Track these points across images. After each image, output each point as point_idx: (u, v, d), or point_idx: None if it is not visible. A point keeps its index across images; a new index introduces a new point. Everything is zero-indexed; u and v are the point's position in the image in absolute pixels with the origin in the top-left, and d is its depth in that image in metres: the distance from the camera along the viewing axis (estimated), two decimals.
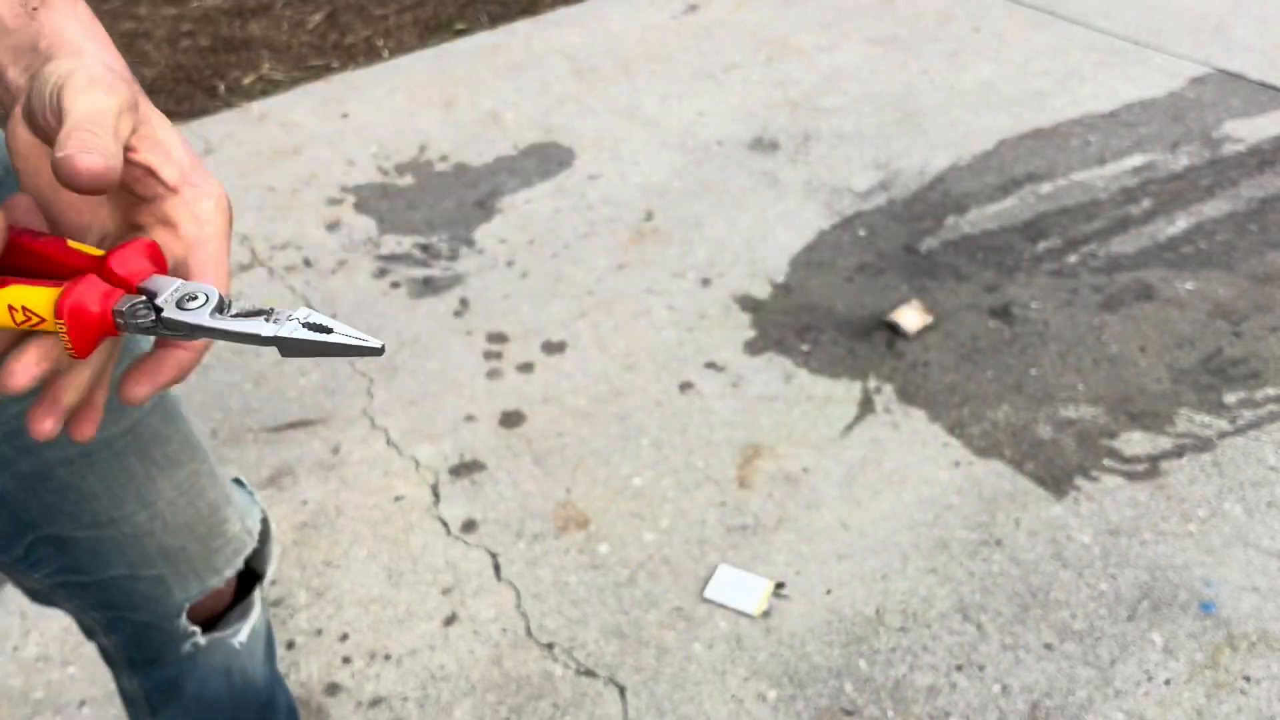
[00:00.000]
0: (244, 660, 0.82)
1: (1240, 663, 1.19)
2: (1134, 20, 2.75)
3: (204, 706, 0.82)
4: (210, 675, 0.80)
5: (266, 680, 0.87)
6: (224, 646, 0.78)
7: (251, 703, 0.86)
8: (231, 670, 0.81)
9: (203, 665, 0.79)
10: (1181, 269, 1.84)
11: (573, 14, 2.91)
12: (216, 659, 0.79)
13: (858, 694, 1.17)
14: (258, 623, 0.82)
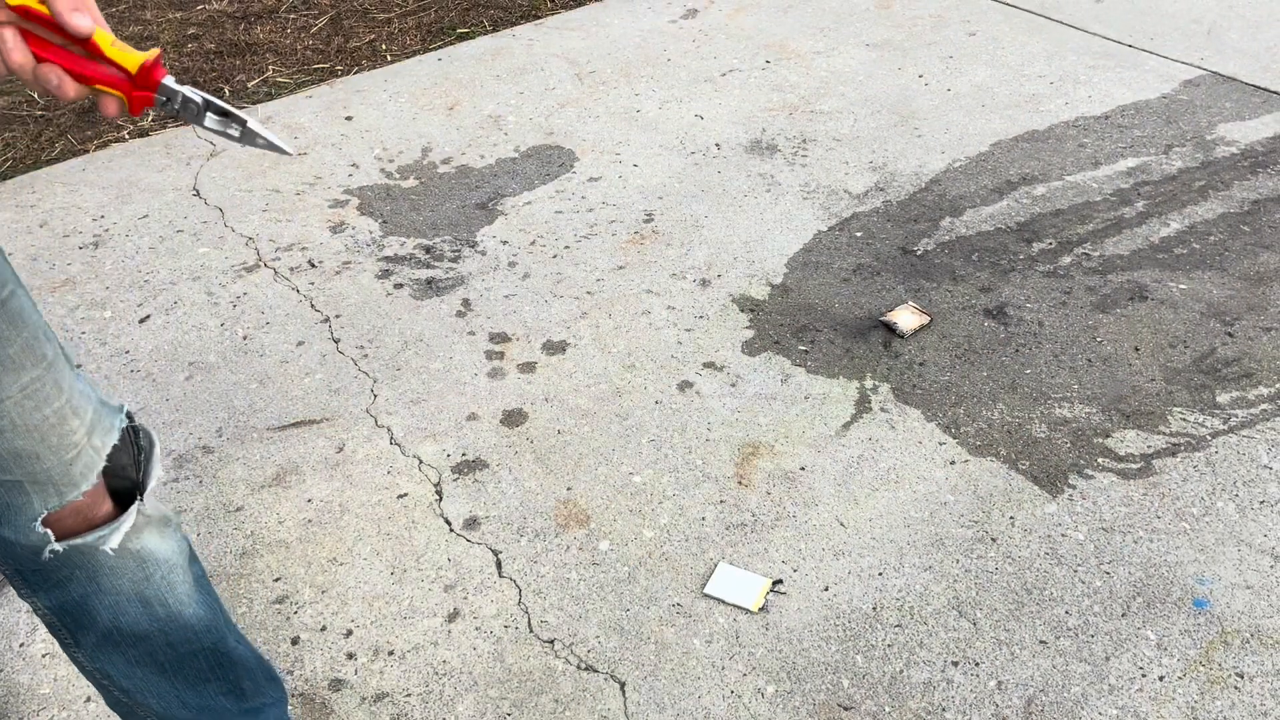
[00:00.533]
0: (159, 589, 0.82)
1: (1233, 659, 1.20)
2: (1127, 24, 2.77)
3: (132, 638, 0.83)
4: (123, 603, 0.81)
5: (206, 625, 0.87)
6: (125, 568, 0.79)
7: (191, 642, 0.86)
8: (148, 600, 0.82)
9: (109, 590, 0.80)
10: (1175, 270, 1.86)
11: (574, 18, 2.94)
12: (123, 584, 0.80)
13: (855, 689, 1.19)
14: (161, 548, 0.82)
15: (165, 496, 1.45)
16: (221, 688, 0.91)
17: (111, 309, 1.84)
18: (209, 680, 0.90)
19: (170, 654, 0.86)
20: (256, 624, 1.27)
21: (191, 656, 0.87)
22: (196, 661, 0.88)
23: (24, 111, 2.58)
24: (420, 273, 1.92)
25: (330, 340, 1.75)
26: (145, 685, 0.87)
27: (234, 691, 0.92)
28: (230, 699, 0.92)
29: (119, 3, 3.17)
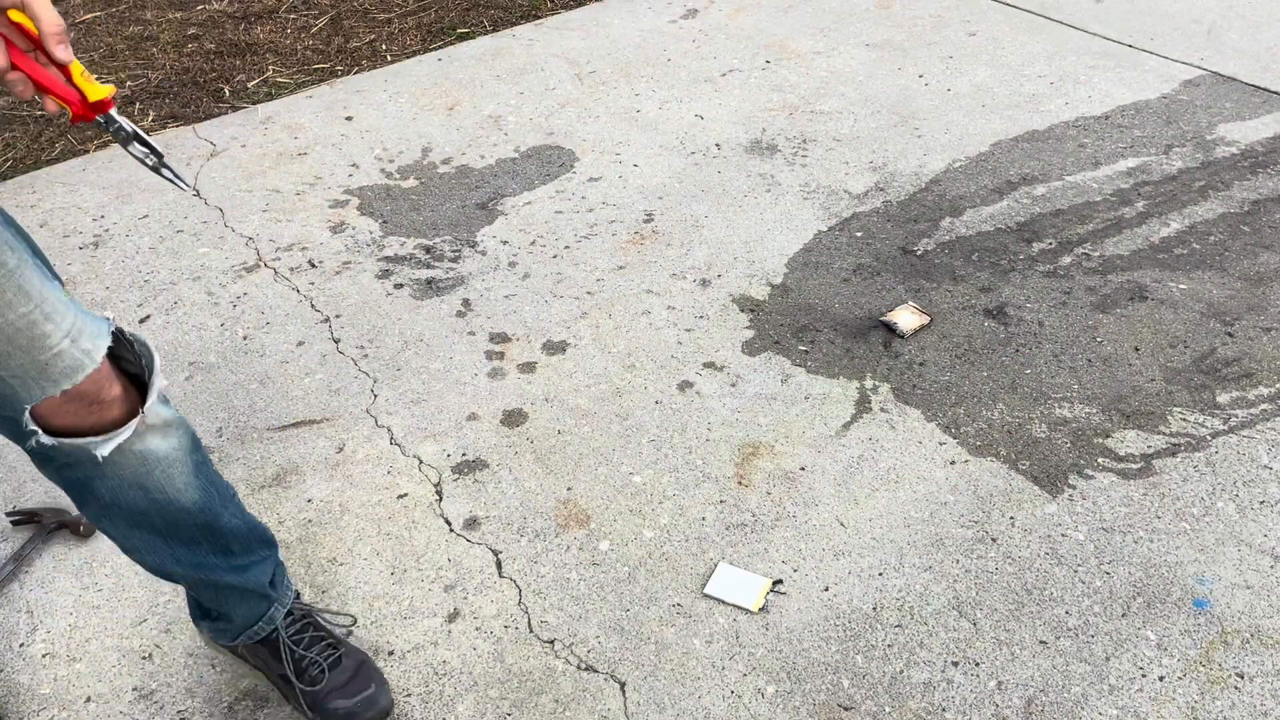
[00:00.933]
0: (158, 480, 0.93)
1: (1234, 659, 1.20)
2: (1128, 24, 2.77)
3: (130, 512, 0.95)
4: (123, 487, 0.92)
5: (200, 506, 0.98)
6: (126, 463, 0.90)
7: (184, 519, 0.97)
8: (147, 488, 0.93)
9: (111, 476, 0.91)
10: (1175, 270, 1.86)
11: (574, 18, 2.94)
12: (125, 474, 0.91)
13: (855, 689, 1.19)
14: (160, 448, 0.92)
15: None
16: (212, 549, 1.02)
17: (111, 309, 1.84)
18: (200, 543, 1.01)
19: (166, 524, 0.97)
20: None
21: (185, 528, 0.99)
22: (189, 532, 0.99)
23: (24, 111, 2.58)
24: (420, 273, 1.92)
25: (330, 340, 1.75)
26: (142, 544, 0.99)
27: (223, 551, 1.03)
28: (220, 557, 1.03)
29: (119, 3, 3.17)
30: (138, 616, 1.29)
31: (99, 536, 1.39)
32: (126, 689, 1.21)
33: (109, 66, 2.79)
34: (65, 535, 1.39)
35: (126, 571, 1.35)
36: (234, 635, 1.14)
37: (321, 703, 1.13)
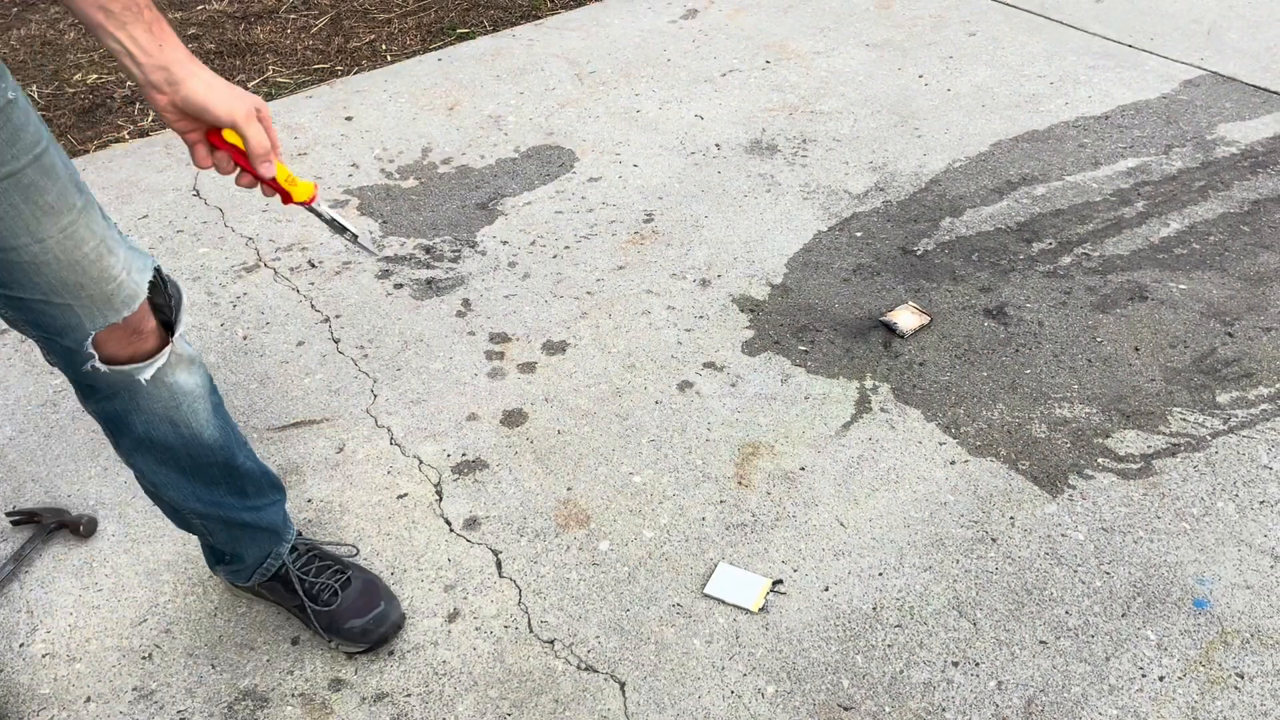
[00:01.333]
0: (185, 414, 1.04)
1: (1234, 659, 1.20)
2: (1127, 24, 2.77)
3: (160, 447, 1.05)
4: (155, 421, 1.03)
5: (220, 444, 1.09)
6: (159, 395, 1.00)
7: (207, 457, 1.08)
8: (175, 422, 1.04)
9: (145, 410, 1.02)
10: (1175, 270, 1.86)
11: (573, 19, 2.94)
12: (157, 407, 1.02)
13: (855, 689, 1.19)
14: (186, 382, 1.02)
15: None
16: (229, 489, 1.13)
17: None
18: (219, 483, 1.11)
19: (190, 462, 1.08)
20: (257, 624, 1.27)
21: (206, 468, 1.09)
22: (211, 470, 1.10)
23: None
24: (420, 273, 1.92)
25: (330, 340, 1.75)
26: (168, 481, 1.09)
27: (239, 493, 1.14)
28: (235, 498, 1.14)
29: None
30: (138, 616, 1.29)
31: (99, 536, 1.40)
32: (126, 689, 1.21)
33: (109, 67, 2.80)
34: (65, 535, 1.39)
35: (126, 571, 1.35)
36: (248, 576, 1.24)
37: (337, 623, 1.21)
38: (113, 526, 1.41)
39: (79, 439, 1.55)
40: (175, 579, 1.33)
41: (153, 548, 1.38)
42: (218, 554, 1.23)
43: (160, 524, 1.41)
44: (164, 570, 1.34)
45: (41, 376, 1.67)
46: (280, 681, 1.21)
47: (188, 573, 1.34)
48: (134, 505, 1.44)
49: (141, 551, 1.37)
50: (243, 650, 1.24)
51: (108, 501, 1.43)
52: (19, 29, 3.02)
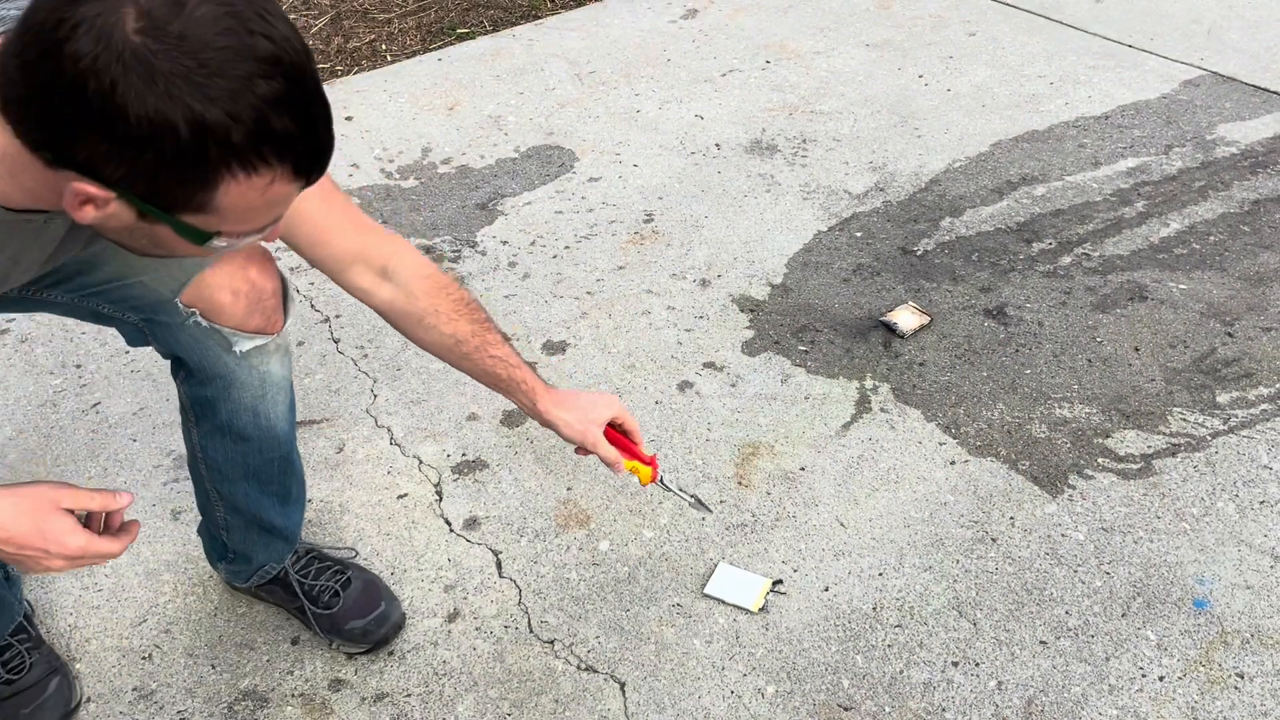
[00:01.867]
0: (268, 405, 1.07)
1: (1234, 659, 1.20)
2: (1127, 24, 2.77)
3: (235, 437, 1.08)
4: (239, 409, 1.05)
5: (287, 437, 1.13)
6: (250, 383, 1.03)
7: (274, 450, 1.12)
8: (258, 412, 1.06)
9: (234, 399, 1.04)
10: (1175, 270, 1.86)
11: (573, 19, 2.94)
12: (245, 396, 1.05)
13: (855, 689, 1.19)
14: (277, 371, 1.06)
15: (165, 497, 1.45)
16: (278, 491, 1.17)
17: None
18: (272, 481, 1.15)
19: (258, 457, 1.11)
20: (257, 624, 1.28)
21: (269, 463, 1.12)
22: (270, 468, 1.13)
23: None
24: None
25: (330, 340, 1.75)
26: (226, 471, 1.12)
27: (284, 496, 1.18)
28: (279, 501, 1.17)
29: None
30: (138, 616, 1.29)
31: None
32: (126, 689, 1.21)
33: None
34: None
35: (126, 571, 1.35)
36: (248, 577, 1.24)
37: (338, 625, 1.21)
38: None
39: (79, 439, 1.55)
40: (175, 579, 1.33)
41: (153, 548, 1.38)
42: (222, 551, 1.23)
43: (160, 524, 1.41)
44: (164, 570, 1.34)
45: (41, 376, 1.67)
46: (280, 681, 1.21)
47: (188, 573, 1.34)
48: (134, 505, 1.43)
49: (141, 551, 1.37)
50: (243, 650, 1.24)
51: None
52: None
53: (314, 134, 0.66)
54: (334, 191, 0.97)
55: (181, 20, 0.58)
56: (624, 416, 1.11)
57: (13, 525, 0.75)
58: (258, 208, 0.66)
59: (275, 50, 0.60)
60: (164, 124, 0.58)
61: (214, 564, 1.28)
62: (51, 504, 0.77)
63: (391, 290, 1.01)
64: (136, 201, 0.63)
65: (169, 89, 0.57)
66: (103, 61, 0.57)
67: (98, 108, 0.57)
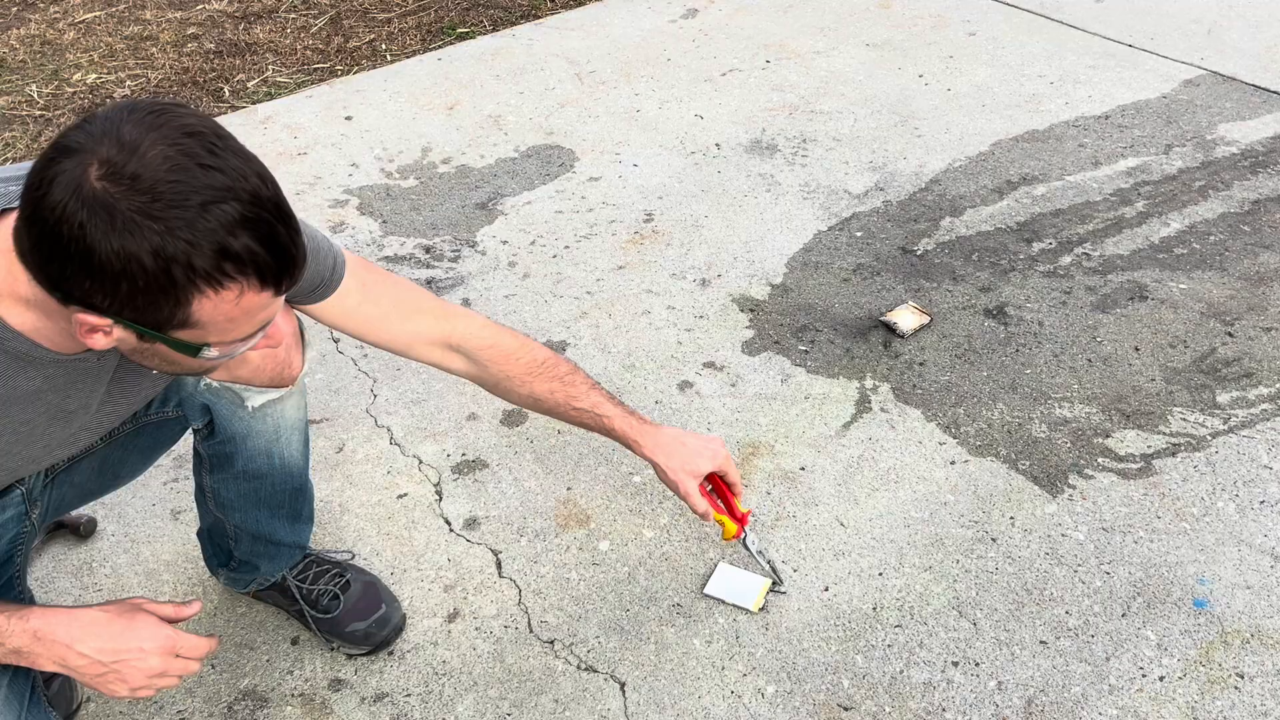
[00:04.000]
0: (282, 446, 1.11)
1: (1234, 659, 1.20)
2: (1128, 24, 2.77)
3: (251, 477, 1.12)
4: (255, 455, 1.09)
5: (301, 470, 1.16)
6: (264, 430, 1.07)
7: (288, 480, 1.15)
8: (271, 454, 1.10)
9: (250, 447, 1.08)
10: (1175, 270, 1.86)
11: (574, 18, 2.94)
12: (260, 443, 1.08)
13: (854, 689, 1.18)
14: (292, 415, 1.09)
15: (165, 497, 1.45)
16: (289, 513, 1.19)
17: None
18: (283, 506, 1.17)
19: (269, 490, 1.14)
20: (256, 624, 1.27)
21: (281, 493, 1.15)
22: (282, 496, 1.16)
23: (24, 111, 2.58)
24: (420, 273, 1.92)
25: (330, 340, 1.75)
26: (238, 504, 1.15)
27: (294, 516, 1.21)
28: (289, 522, 1.20)
29: (119, 3, 3.18)
30: None
31: (99, 536, 1.39)
32: None
33: (108, 66, 2.80)
34: (65, 535, 1.39)
35: (126, 572, 1.35)
36: (247, 584, 1.26)
37: (338, 628, 1.22)
38: (112, 527, 1.41)
39: None
40: (175, 579, 1.33)
41: (152, 548, 1.37)
42: (226, 559, 1.23)
43: (160, 524, 1.41)
44: (164, 570, 1.34)
45: None
46: (280, 681, 1.21)
47: (187, 573, 1.34)
48: (133, 505, 1.43)
49: (141, 552, 1.37)
50: (242, 650, 1.24)
51: (107, 501, 1.43)
52: (19, 29, 3.02)
53: (275, 247, 0.70)
54: (376, 283, 1.01)
55: (135, 163, 0.65)
56: (727, 468, 1.14)
57: (105, 630, 0.83)
58: (236, 318, 0.71)
59: (226, 180, 0.67)
60: (130, 257, 0.65)
61: (214, 570, 1.28)
62: (134, 606, 0.86)
63: (462, 361, 1.08)
64: (131, 325, 0.70)
65: (128, 226, 0.64)
66: (71, 209, 0.64)
67: (75, 250, 0.65)
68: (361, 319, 1.01)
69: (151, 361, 0.77)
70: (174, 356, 0.75)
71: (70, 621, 0.83)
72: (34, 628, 0.81)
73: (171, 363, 0.76)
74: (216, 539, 1.22)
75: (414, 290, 1.06)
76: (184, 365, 0.77)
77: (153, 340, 0.72)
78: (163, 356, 0.75)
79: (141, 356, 0.76)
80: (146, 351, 0.75)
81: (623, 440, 1.11)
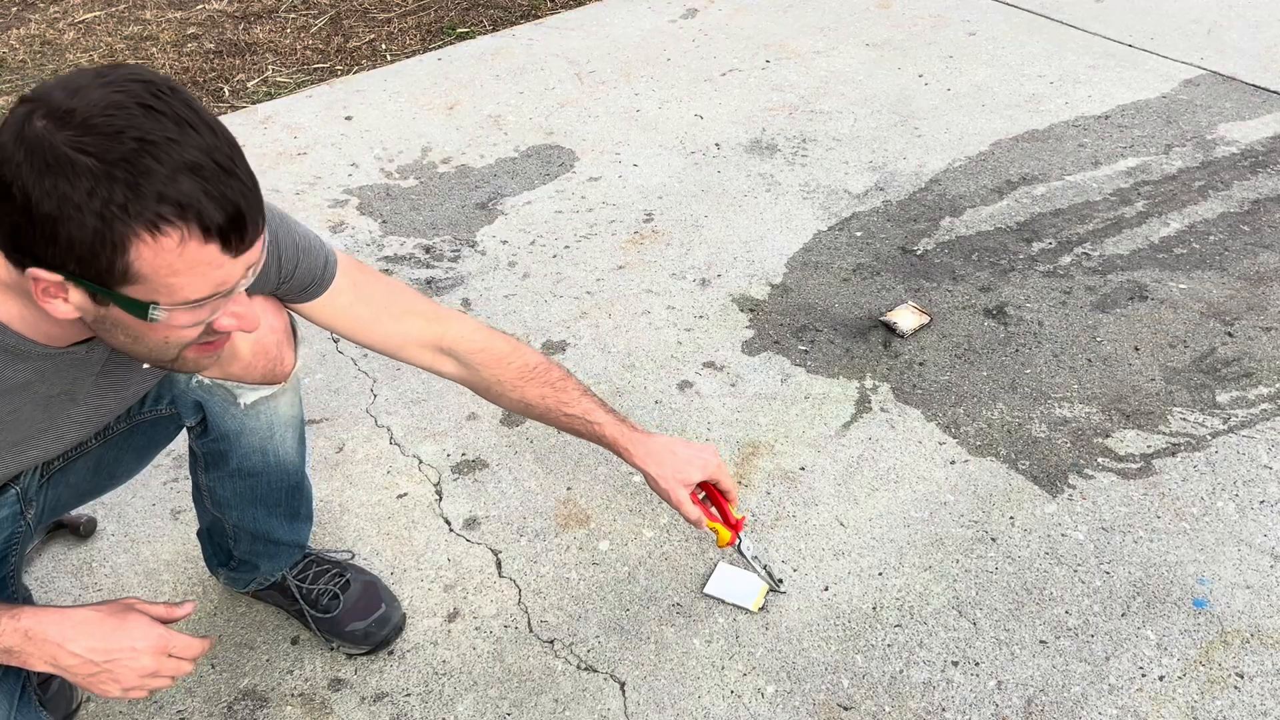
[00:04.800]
0: (276, 443, 1.09)
1: (1233, 659, 1.20)
2: (1127, 24, 2.77)
3: (246, 475, 1.11)
4: (249, 452, 1.08)
5: (297, 468, 1.15)
6: (258, 427, 1.05)
7: (284, 478, 1.13)
8: (266, 451, 1.09)
9: (244, 445, 1.07)
10: (1175, 269, 1.86)
11: (573, 18, 2.94)
12: (254, 440, 1.07)
13: (854, 689, 1.18)
14: (286, 411, 1.07)
15: (165, 497, 1.45)
16: (286, 511, 1.18)
17: None
18: (280, 504, 1.16)
19: (265, 488, 1.13)
20: (256, 624, 1.27)
21: (277, 491, 1.14)
22: (279, 494, 1.15)
23: None
24: (420, 272, 1.92)
25: (330, 340, 1.75)
26: (234, 503, 1.14)
27: (292, 515, 1.20)
28: (285, 520, 1.19)
29: (119, 3, 3.18)
30: None
31: (99, 536, 1.39)
32: None
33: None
34: (65, 535, 1.39)
35: (126, 572, 1.35)
36: (247, 584, 1.25)
37: (338, 628, 1.22)
38: (112, 526, 1.41)
39: None
40: (174, 579, 1.33)
41: (152, 548, 1.37)
42: (225, 558, 1.23)
43: (159, 524, 1.41)
44: (163, 570, 1.34)
45: None
46: (280, 681, 1.21)
47: (187, 573, 1.34)
48: (133, 505, 1.43)
49: (141, 552, 1.37)
50: (242, 650, 1.24)
51: (107, 501, 1.43)
52: (19, 29, 3.02)
53: (219, 197, 0.67)
54: (368, 284, 1.00)
55: (75, 101, 0.64)
56: (720, 475, 1.13)
57: (97, 629, 0.83)
58: (180, 272, 0.68)
59: (170, 124, 0.65)
60: (63, 197, 0.63)
61: (214, 570, 1.28)
62: (126, 606, 0.86)
63: (453, 365, 1.06)
64: (80, 281, 0.68)
65: (61, 162, 0.63)
66: (10, 151, 0.64)
67: (17, 192, 0.64)
68: (353, 319, 1.00)
69: (115, 337, 0.74)
70: (132, 325, 0.71)
71: (61, 621, 0.82)
72: (25, 626, 0.81)
73: (132, 336, 0.73)
74: (216, 538, 1.22)
75: (407, 292, 1.06)
76: (147, 341, 0.74)
77: (106, 302, 0.69)
78: (123, 327, 0.72)
79: (104, 329, 0.73)
80: (106, 321, 0.72)
81: (614, 448, 1.10)
